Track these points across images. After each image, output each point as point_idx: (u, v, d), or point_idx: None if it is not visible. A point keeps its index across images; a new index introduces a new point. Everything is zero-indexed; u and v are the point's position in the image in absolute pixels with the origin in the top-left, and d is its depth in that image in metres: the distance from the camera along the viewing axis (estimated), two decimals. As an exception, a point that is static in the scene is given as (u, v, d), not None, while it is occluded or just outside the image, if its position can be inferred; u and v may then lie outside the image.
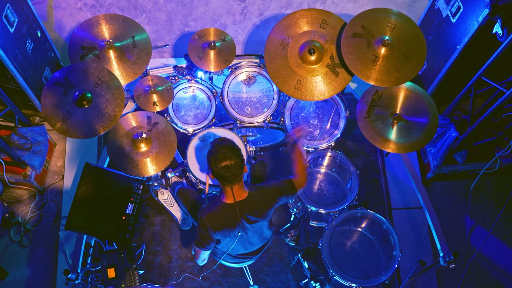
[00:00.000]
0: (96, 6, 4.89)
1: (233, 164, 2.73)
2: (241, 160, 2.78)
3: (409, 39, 3.27)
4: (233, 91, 3.84)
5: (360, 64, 3.20)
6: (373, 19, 3.29)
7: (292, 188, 3.02)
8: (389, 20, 3.28)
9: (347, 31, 3.26)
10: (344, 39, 3.25)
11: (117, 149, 3.38)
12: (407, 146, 3.31)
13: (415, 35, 3.29)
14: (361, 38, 3.24)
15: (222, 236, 2.95)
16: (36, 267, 4.02)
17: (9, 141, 3.96)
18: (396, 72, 3.20)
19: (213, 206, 2.92)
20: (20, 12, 3.71)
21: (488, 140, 3.99)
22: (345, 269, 3.37)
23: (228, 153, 2.73)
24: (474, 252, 4.14)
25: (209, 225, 2.87)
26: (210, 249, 3.04)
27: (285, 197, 3.01)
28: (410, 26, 3.30)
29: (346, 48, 3.23)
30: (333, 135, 3.78)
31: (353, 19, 3.28)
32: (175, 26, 4.89)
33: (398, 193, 4.30)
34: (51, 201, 4.24)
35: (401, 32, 3.27)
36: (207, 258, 3.15)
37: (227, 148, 2.75)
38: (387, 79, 3.20)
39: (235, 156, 2.74)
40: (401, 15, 3.31)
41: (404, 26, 3.28)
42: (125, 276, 3.51)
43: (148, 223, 4.13)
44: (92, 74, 3.25)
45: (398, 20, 3.29)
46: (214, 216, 2.89)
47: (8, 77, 3.73)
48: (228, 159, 2.72)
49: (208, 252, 3.09)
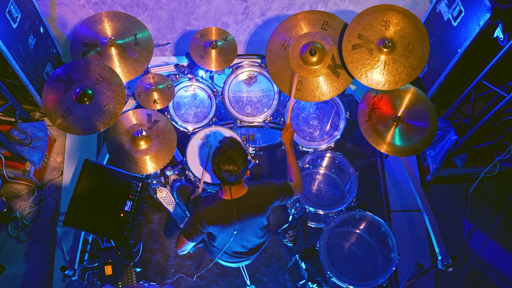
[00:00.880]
0: (99, 3, 4.90)
1: (236, 169, 2.70)
2: (246, 166, 2.75)
3: (407, 29, 3.23)
4: (233, 90, 3.85)
5: (370, 74, 3.20)
6: (366, 24, 3.25)
7: (290, 190, 3.03)
8: (381, 18, 3.25)
9: (346, 45, 3.23)
10: (346, 55, 3.23)
11: (117, 146, 3.38)
12: (407, 149, 3.30)
13: (411, 22, 3.25)
14: (361, 47, 3.22)
15: (217, 231, 2.95)
16: (33, 263, 4.02)
17: (9, 136, 3.96)
18: (405, 69, 3.20)
19: (211, 201, 2.92)
20: (23, 8, 3.71)
21: (487, 144, 3.99)
22: (343, 271, 3.36)
23: (234, 157, 2.69)
24: (473, 256, 4.14)
25: (204, 218, 2.87)
26: (196, 241, 3.03)
27: (283, 197, 3.01)
28: (403, 15, 3.25)
29: (352, 64, 3.21)
30: (332, 136, 3.78)
31: (347, 30, 3.25)
32: (177, 25, 4.90)
33: (397, 195, 4.30)
34: (50, 196, 4.24)
35: (397, 26, 3.24)
36: (188, 250, 3.15)
37: (234, 152, 2.70)
38: (399, 79, 3.20)
39: (240, 161, 2.70)
40: (389, 7, 3.27)
41: (397, 17, 3.25)
42: (122, 274, 3.50)
43: (146, 221, 4.13)
44: (93, 71, 3.26)
45: (390, 14, 3.25)
46: (210, 211, 2.89)
47: (10, 72, 3.74)
48: (232, 164, 2.69)
49: (192, 245, 3.08)
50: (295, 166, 3.15)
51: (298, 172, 3.15)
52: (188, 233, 2.97)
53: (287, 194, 3.02)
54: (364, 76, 3.21)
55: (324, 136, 3.81)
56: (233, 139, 2.80)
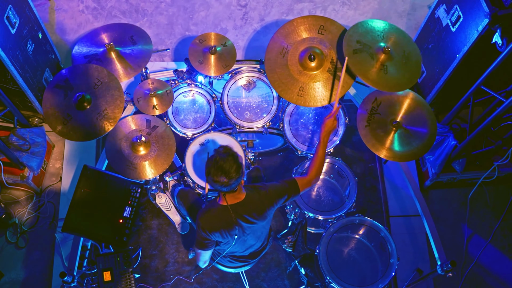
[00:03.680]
0: (98, 9, 4.91)
1: (226, 182, 2.66)
2: (239, 176, 2.70)
3: (399, 41, 3.28)
4: (232, 96, 3.85)
5: (376, 77, 3.20)
6: (363, 32, 3.26)
7: (295, 188, 2.98)
8: (376, 29, 3.28)
9: (347, 50, 3.22)
10: (349, 60, 3.22)
11: (116, 152, 3.38)
12: (407, 154, 3.30)
13: (401, 35, 3.31)
14: (362, 52, 3.22)
15: (220, 237, 2.94)
16: (32, 269, 4.00)
17: (8, 142, 3.96)
18: (405, 73, 3.21)
19: (209, 207, 2.92)
20: (22, 13, 3.71)
21: (486, 149, 3.99)
22: (342, 276, 3.35)
23: (224, 168, 2.64)
24: (472, 261, 4.13)
25: (205, 227, 2.87)
26: (210, 249, 3.03)
27: (286, 197, 2.97)
28: (393, 29, 3.32)
29: (355, 66, 3.20)
30: (332, 141, 3.78)
31: (345, 38, 3.24)
32: (176, 30, 4.91)
33: (396, 200, 4.30)
34: (49, 202, 4.23)
35: (390, 37, 3.28)
36: (208, 259, 3.14)
37: (225, 164, 2.65)
38: (404, 82, 3.21)
39: (232, 172, 2.65)
40: (377, 22, 3.33)
41: (391, 31, 3.31)
42: (121, 280, 3.49)
43: (145, 227, 4.12)
44: (91, 76, 3.26)
45: (382, 28, 3.31)
46: (210, 218, 2.88)
47: (8, 78, 3.74)
48: (224, 175, 2.64)
49: (209, 253, 3.08)
50: (320, 161, 3.04)
51: (320, 167, 3.05)
52: (198, 244, 2.98)
53: (290, 194, 2.98)
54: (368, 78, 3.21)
55: (323, 142, 3.80)
56: (227, 149, 2.74)
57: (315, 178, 3.06)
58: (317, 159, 3.06)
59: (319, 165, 3.06)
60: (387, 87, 3.19)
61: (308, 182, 3.03)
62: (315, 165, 3.05)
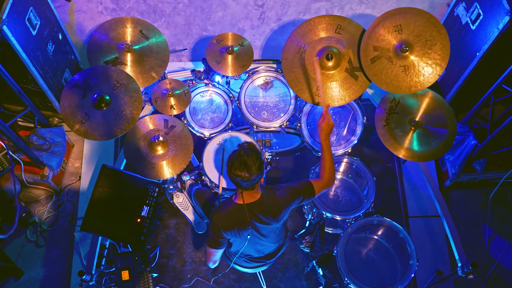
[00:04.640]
0: (117, 10, 4.95)
1: (247, 176, 2.67)
2: (260, 173, 2.72)
3: (419, 27, 3.18)
4: (250, 95, 3.84)
5: (396, 81, 3.18)
6: (377, 35, 3.22)
7: (310, 191, 2.97)
8: (391, 24, 3.21)
9: (365, 60, 3.20)
10: (367, 69, 3.21)
11: (134, 151, 3.40)
12: (426, 154, 3.26)
13: (421, 19, 3.18)
14: (380, 58, 3.19)
15: (233, 236, 2.94)
16: (51, 267, 4.05)
17: (28, 142, 4.01)
18: (429, 66, 3.16)
19: (225, 206, 2.92)
20: (42, 15, 3.76)
21: (508, 149, 3.92)
22: (360, 277, 3.32)
23: (248, 163, 2.66)
24: (494, 263, 4.06)
25: (219, 225, 2.87)
26: (222, 248, 3.02)
27: (301, 199, 2.97)
28: (411, 15, 3.20)
29: (375, 76, 3.18)
30: (349, 141, 3.75)
31: (361, 46, 3.22)
32: (193, 31, 4.93)
33: (415, 200, 4.25)
34: (68, 201, 4.28)
35: (409, 26, 3.19)
36: (218, 260, 3.13)
37: (248, 158, 2.67)
38: (425, 78, 3.17)
39: (254, 168, 2.67)
40: (395, 12, 3.22)
41: (406, 18, 3.20)
42: (139, 279, 3.51)
43: (162, 226, 4.14)
44: (111, 77, 3.28)
45: (398, 18, 3.21)
46: (224, 216, 2.88)
47: (29, 78, 3.79)
48: (245, 171, 2.67)
49: (220, 252, 3.07)
50: (329, 163, 3.02)
51: (332, 169, 3.03)
52: (211, 242, 2.97)
53: (306, 196, 2.97)
54: (391, 86, 3.18)
55: (341, 141, 3.78)
56: (251, 145, 2.77)
57: (330, 181, 3.04)
58: (325, 163, 3.04)
59: (330, 168, 3.04)
60: (411, 88, 3.17)
61: (323, 185, 3.02)
62: (326, 168, 3.04)
